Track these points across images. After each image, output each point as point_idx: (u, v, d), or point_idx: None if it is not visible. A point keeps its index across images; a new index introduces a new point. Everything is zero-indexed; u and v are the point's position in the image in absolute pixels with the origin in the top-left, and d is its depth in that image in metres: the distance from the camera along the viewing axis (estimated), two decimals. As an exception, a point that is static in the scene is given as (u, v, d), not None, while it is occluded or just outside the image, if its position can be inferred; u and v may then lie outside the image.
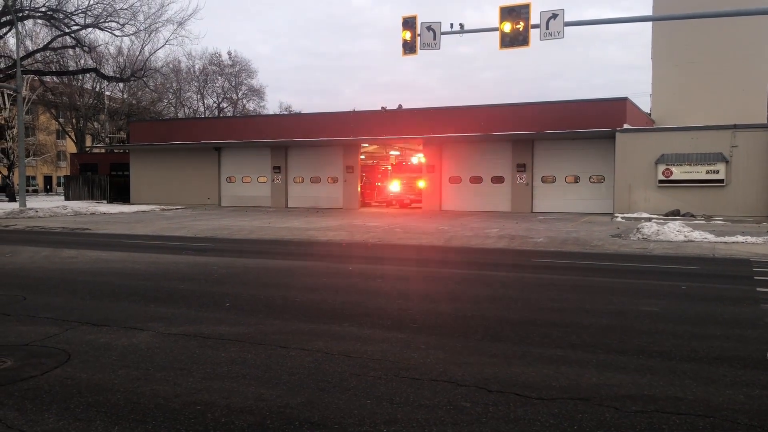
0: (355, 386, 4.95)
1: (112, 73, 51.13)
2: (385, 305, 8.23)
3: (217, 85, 66.76)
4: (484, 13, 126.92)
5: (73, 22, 40.18)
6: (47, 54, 47.06)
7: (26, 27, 44.53)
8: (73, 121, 58.02)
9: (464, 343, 6.23)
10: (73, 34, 41.48)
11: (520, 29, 18.09)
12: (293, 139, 34.16)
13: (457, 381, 5.06)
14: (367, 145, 35.54)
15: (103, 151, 53.94)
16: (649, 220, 21.60)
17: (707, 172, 25.17)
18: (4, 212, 29.04)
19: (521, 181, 29.77)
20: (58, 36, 42.48)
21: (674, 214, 24.56)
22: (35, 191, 73.65)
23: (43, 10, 38.97)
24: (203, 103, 67.09)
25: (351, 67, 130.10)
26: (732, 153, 24.80)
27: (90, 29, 41.16)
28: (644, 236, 16.95)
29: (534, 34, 18.17)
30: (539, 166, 29.72)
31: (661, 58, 37.01)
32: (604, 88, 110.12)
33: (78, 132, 57.74)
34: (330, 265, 12.38)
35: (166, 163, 38.22)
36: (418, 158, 35.88)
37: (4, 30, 40.21)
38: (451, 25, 19.39)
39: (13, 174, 49.67)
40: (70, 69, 50.97)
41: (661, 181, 25.87)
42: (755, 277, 10.61)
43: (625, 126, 26.78)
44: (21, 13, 37.47)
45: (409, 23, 19.34)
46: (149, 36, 48.73)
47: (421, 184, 32.50)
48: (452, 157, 31.66)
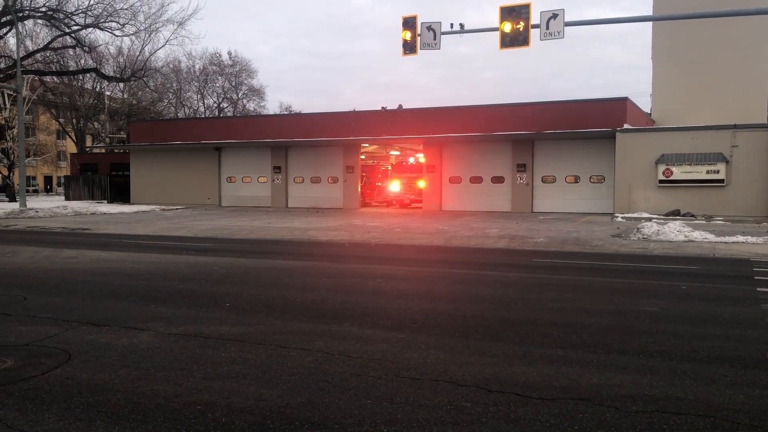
0: (356, 386, 4.95)
1: (112, 73, 51.18)
2: (385, 305, 8.23)
3: (218, 85, 66.89)
4: (485, 13, 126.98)
5: (73, 22, 40.22)
6: (47, 54, 47.10)
7: (26, 27, 44.63)
8: (74, 121, 58.04)
9: (464, 343, 6.23)
10: (73, 34, 41.50)
11: (521, 29, 18.10)
12: (293, 139, 34.17)
13: (458, 381, 5.06)
14: (368, 145, 35.55)
15: (103, 151, 53.96)
16: (650, 220, 21.60)
17: (707, 172, 25.18)
18: (5, 212, 29.05)
19: (521, 181, 29.77)
20: (59, 36, 42.51)
21: (674, 214, 24.56)
22: (35, 191, 73.69)
23: (44, 10, 39.00)
24: (203, 103, 67.17)
25: (351, 67, 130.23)
26: (732, 153, 24.80)
27: (90, 29, 41.25)
28: (644, 236, 16.95)
29: (534, 34, 18.20)
30: (539, 166, 29.72)
31: (661, 58, 37.01)
32: (604, 88, 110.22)
33: (78, 132, 57.76)
34: (330, 265, 12.38)
35: (167, 163, 38.23)
36: (417, 158, 35.87)
37: (5, 30, 40.23)
38: (452, 25, 19.40)
39: (14, 174, 49.68)
40: (71, 69, 51.00)
41: (662, 181, 25.87)
42: (755, 277, 10.62)
43: (626, 126, 26.78)
44: (21, 13, 37.49)
45: (409, 23, 19.35)
46: (149, 36, 48.88)
47: (421, 184, 32.50)
48: (452, 157, 31.66)
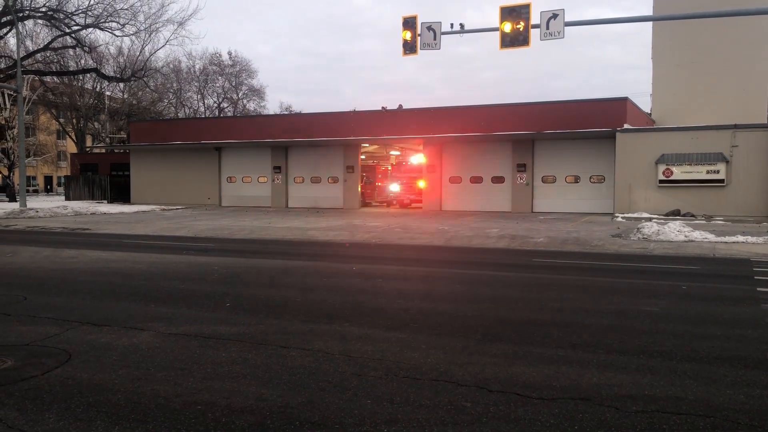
0: (356, 386, 4.95)
1: (112, 73, 51.20)
2: (385, 305, 8.23)
3: (218, 85, 66.90)
4: (485, 13, 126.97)
5: (73, 22, 40.26)
6: (48, 54, 47.13)
7: (27, 27, 44.64)
8: (74, 121, 58.04)
9: (465, 343, 6.23)
10: (73, 35, 41.53)
11: (521, 29, 18.10)
12: (293, 139, 34.17)
13: (458, 381, 5.06)
14: (368, 145, 35.55)
15: (103, 151, 53.96)
16: (650, 220, 21.59)
17: (707, 172, 25.18)
18: (5, 212, 29.05)
19: (521, 181, 29.77)
20: (59, 36, 42.54)
21: (674, 214, 24.56)
22: (36, 191, 73.73)
23: (44, 10, 39.03)
24: (203, 103, 67.18)
25: (351, 67, 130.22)
26: (732, 153, 24.79)
27: (90, 29, 41.31)
28: (644, 236, 16.95)
29: (534, 34, 18.20)
30: (539, 166, 29.72)
31: (661, 58, 37.02)
32: (605, 88, 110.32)
33: (78, 132, 57.76)
34: (330, 265, 12.38)
35: (167, 163, 38.23)
36: (418, 158, 35.88)
37: (5, 30, 40.25)
38: (452, 25, 19.40)
39: (14, 174, 49.69)
40: (71, 69, 51.03)
41: (662, 181, 25.87)
42: (755, 277, 10.62)
43: (626, 126, 26.78)
44: (21, 13, 37.51)
45: (409, 23, 19.35)
46: (149, 36, 48.93)
47: (422, 184, 32.50)
48: (452, 157, 31.66)
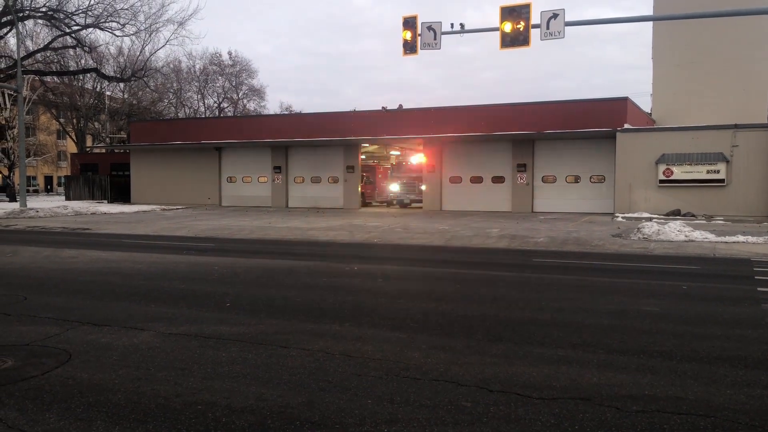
0: (356, 386, 4.95)
1: (112, 73, 51.20)
2: (385, 305, 8.23)
3: (218, 85, 66.92)
4: (485, 13, 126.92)
5: (73, 22, 40.26)
6: (48, 54, 47.13)
7: (27, 27, 44.66)
8: (74, 121, 58.04)
9: (465, 343, 6.23)
10: (73, 34, 41.54)
11: (521, 29, 18.09)
12: (294, 139, 34.16)
13: (458, 381, 5.06)
14: (368, 145, 35.56)
15: (103, 151, 53.97)
16: (650, 219, 21.59)
17: (708, 172, 25.17)
18: (5, 212, 29.05)
19: (522, 181, 29.77)
20: (59, 36, 42.54)
21: (675, 213, 24.56)
22: (36, 191, 73.76)
23: (44, 10, 39.03)
24: (204, 103, 67.19)
25: (351, 67, 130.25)
26: (732, 153, 24.79)
27: (90, 29, 41.31)
28: (645, 236, 16.94)
29: (534, 34, 18.19)
30: (540, 166, 29.72)
31: (661, 57, 37.02)
32: (605, 87, 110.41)
33: (78, 132, 57.77)
34: (331, 265, 12.38)
35: (167, 163, 38.24)
36: (418, 158, 35.88)
37: (5, 30, 40.25)
38: (452, 25, 19.39)
39: (14, 174, 49.70)
40: (71, 69, 51.03)
41: (662, 181, 25.87)
42: (756, 277, 10.61)
43: (626, 126, 26.77)
44: (21, 13, 37.51)
45: (409, 23, 19.35)
46: (150, 36, 48.95)
47: (422, 184, 32.50)
48: (453, 157, 31.66)
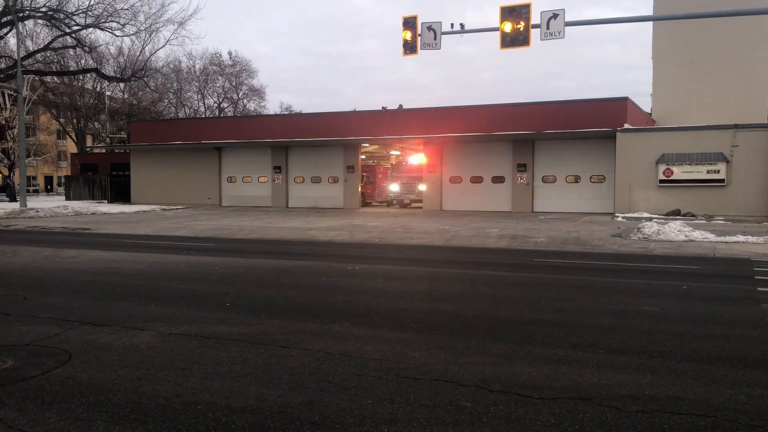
0: (356, 386, 4.96)
1: (112, 73, 51.19)
2: (385, 305, 8.24)
3: (218, 85, 66.92)
4: (485, 13, 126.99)
5: (73, 22, 40.26)
6: (48, 54, 47.12)
7: (27, 27, 44.65)
8: (74, 121, 58.04)
9: (465, 343, 6.23)
10: (73, 35, 41.53)
11: (521, 29, 18.09)
12: (294, 139, 34.17)
13: (458, 381, 5.06)
14: (368, 145, 35.55)
15: (103, 151, 53.96)
16: (650, 219, 21.60)
17: (708, 172, 25.17)
18: (5, 212, 29.06)
19: (522, 181, 29.76)
20: (59, 36, 42.53)
21: (675, 213, 24.56)
22: (36, 191, 73.76)
23: (44, 10, 39.02)
24: (204, 103, 67.19)
25: (351, 67, 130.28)
26: (733, 153, 24.79)
27: (90, 29, 41.31)
28: (645, 236, 16.94)
29: (534, 33, 18.20)
30: (540, 166, 29.72)
31: (661, 57, 37.01)
32: (605, 87, 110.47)
33: (79, 132, 57.77)
34: (331, 265, 12.38)
35: (167, 163, 38.24)
36: (418, 158, 35.89)
37: (5, 30, 40.24)
38: (452, 25, 19.39)
39: (14, 174, 49.71)
40: (71, 69, 51.02)
41: (662, 181, 25.87)
42: (756, 277, 10.61)
43: (626, 126, 26.77)
44: (22, 13, 37.50)
45: (409, 23, 19.35)
46: (150, 36, 48.92)
47: (422, 184, 32.49)
48: (453, 157, 31.66)
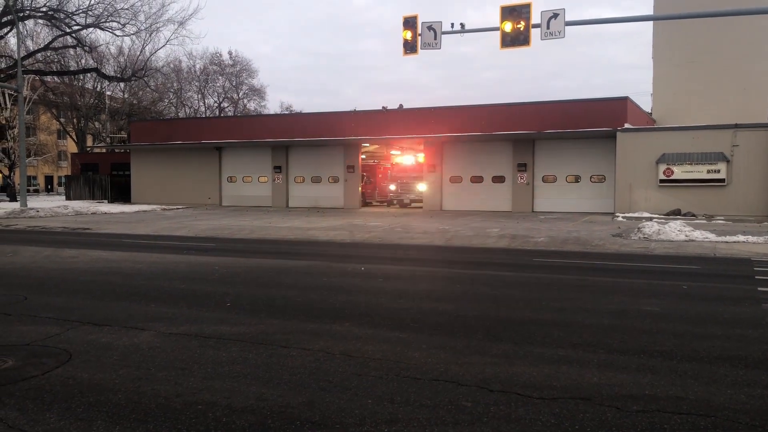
0: (356, 386, 4.96)
1: (113, 73, 51.18)
2: (386, 305, 8.24)
3: (218, 84, 66.91)
4: (485, 12, 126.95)
5: (74, 22, 40.24)
6: (48, 54, 47.10)
7: (27, 27, 44.66)
8: (74, 120, 58.04)
9: (465, 343, 6.23)
10: (74, 34, 41.52)
11: (521, 29, 18.08)
12: (294, 139, 34.16)
13: (459, 381, 5.06)
14: (368, 145, 35.55)
15: (104, 150, 53.97)
16: (650, 219, 21.60)
17: (708, 172, 25.17)
18: (6, 212, 29.06)
19: (522, 181, 29.76)
20: (59, 36, 42.51)
21: (675, 213, 24.55)
22: (36, 191, 73.77)
23: (44, 10, 39.00)
24: (204, 103, 67.18)
25: (351, 67, 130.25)
26: (733, 152, 24.78)
27: (91, 29, 41.26)
28: (645, 236, 16.94)
29: (535, 33, 18.19)
30: (540, 166, 29.71)
31: (661, 57, 36.99)
32: (605, 87, 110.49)
33: (79, 132, 57.77)
34: (331, 265, 12.38)
35: (167, 163, 38.23)
36: (418, 158, 35.89)
37: (5, 30, 40.23)
38: (452, 25, 19.38)
39: (14, 174, 49.70)
40: (71, 69, 50.99)
41: (662, 181, 25.86)
42: (756, 277, 10.61)
43: (626, 125, 26.76)
44: (22, 13, 37.49)
45: (409, 23, 19.35)
46: (150, 36, 48.96)
47: (422, 183, 32.50)
48: (453, 157, 31.65)
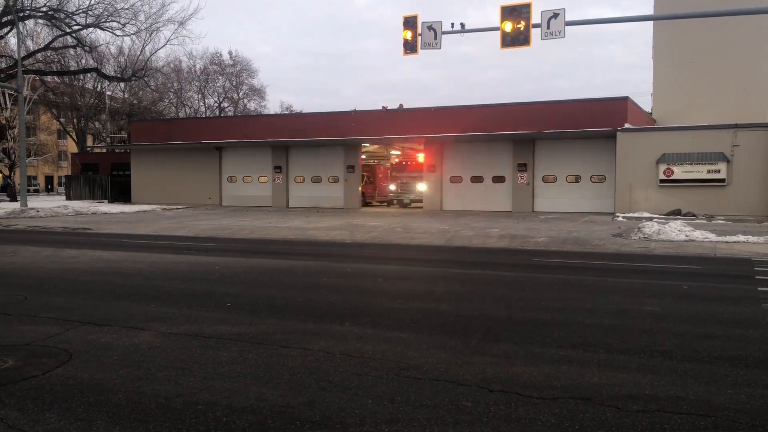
0: (357, 386, 4.96)
1: (113, 73, 51.16)
2: (386, 305, 8.24)
3: (218, 84, 66.89)
4: (486, 12, 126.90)
5: (74, 22, 40.22)
6: (48, 54, 47.09)
7: (27, 27, 44.64)
8: (74, 120, 58.04)
9: (465, 343, 6.23)
10: (74, 34, 41.50)
11: (521, 29, 18.08)
12: (294, 139, 34.16)
13: (459, 381, 5.06)
14: (368, 145, 35.55)
15: (104, 150, 53.96)
16: (651, 219, 21.60)
17: (708, 172, 25.16)
18: (6, 212, 29.06)
19: (522, 181, 29.75)
20: (59, 36, 42.50)
21: (675, 213, 24.55)
22: (36, 191, 73.77)
23: (44, 9, 38.99)
24: (204, 103, 67.17)
25: (351, 67, 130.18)
26: (733, 152, 24.78)
27: (91, 29, 41.23)
28: (645, 236, 16.93)
29: (535, 33, 18.20)
30: (540, 166, 29.70)
31: (662, 57, 36.99)
32: (606, 87, 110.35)
33: (79, 132, 57.77)
34: (331, 265, 12.38)
35: (168, 163, 38.23)
36: (418, 158, 35.88)
37: (6, 30, 40.23)
38: (452, 25, 19.39)
39: (15, 174, 49.67)
40: (71, 69, 50.98)
41: (662, 181, 25.86)
42: (756, 277, 10.61)
43: (626, 125, 26.75)
44: (22, 13, 37.49)
45: (410, 23, 19.35)
46: (150, 36, 48.92)
47: (422, 183, 32.49)
48: (453, 157, 31.65)
